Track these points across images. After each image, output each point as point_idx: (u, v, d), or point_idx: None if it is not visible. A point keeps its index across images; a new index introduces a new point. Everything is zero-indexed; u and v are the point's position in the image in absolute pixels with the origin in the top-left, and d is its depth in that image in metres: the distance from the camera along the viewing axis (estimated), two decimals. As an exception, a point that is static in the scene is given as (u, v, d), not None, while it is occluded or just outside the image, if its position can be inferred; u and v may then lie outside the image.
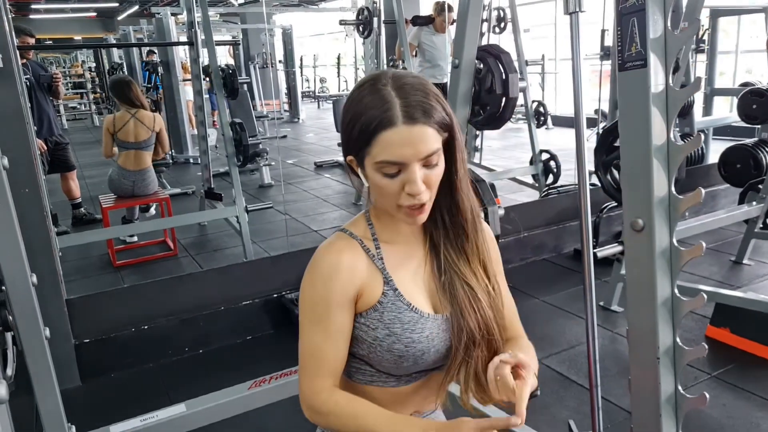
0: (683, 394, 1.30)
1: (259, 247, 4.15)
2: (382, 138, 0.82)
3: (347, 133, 0.87)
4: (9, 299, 1.45)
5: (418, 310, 0.92)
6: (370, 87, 0.85)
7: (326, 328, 0.90)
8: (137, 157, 4.08)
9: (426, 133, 0.83)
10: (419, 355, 0.92)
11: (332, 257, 0.90)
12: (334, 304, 0.89)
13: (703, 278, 3.41)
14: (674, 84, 1.21)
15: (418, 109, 0.83)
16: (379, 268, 0.93)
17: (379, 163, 0.84)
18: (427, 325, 0.93)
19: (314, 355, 0.91)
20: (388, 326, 0.91)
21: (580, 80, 1.40)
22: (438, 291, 0.95)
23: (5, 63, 2.16)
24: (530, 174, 4.86)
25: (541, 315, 3.06)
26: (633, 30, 1.19)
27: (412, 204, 0.86)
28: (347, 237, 0.94)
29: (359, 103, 0.85)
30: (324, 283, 0.89)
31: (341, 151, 0.94)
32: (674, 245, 1.25)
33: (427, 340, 0.92)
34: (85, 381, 2.64)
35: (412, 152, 0.82)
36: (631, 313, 1.33)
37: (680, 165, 1.22)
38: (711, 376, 2.42)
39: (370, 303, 0.91)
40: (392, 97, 0.83)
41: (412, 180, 0.84)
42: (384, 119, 0.82)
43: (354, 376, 0.98)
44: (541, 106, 5.57)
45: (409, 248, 0.96)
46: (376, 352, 0.92)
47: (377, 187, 0.87)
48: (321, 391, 0.91)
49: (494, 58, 1.76)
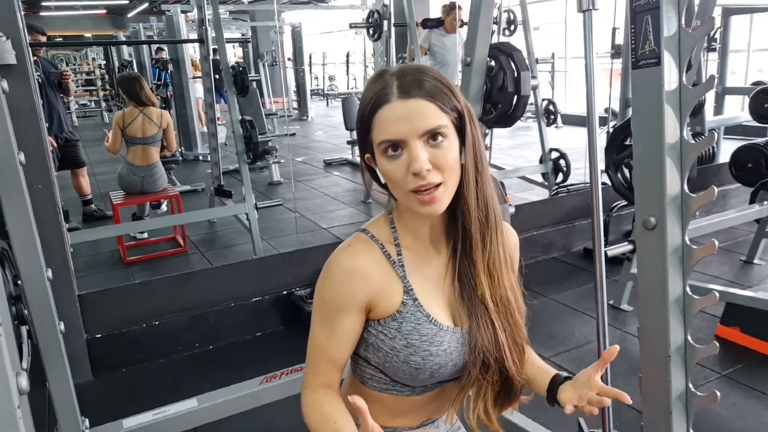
0: (694, 392, 1.30)
1: (269, 245, 4.16)
2: (378, 118, 0.81)
3: (357, 128, 0.87)
4: (25, 293, 1.47)
5: (437, 322, 0.89)
6: (373, 79, 0.86)
7: (332, 329, 0.89)
8: (145, 152, 4.11)
9: (422, 106, 0.80)
10: (436, 368, 0.89)
11: (347, 261, 0.87)
12: (343, 308, 0.87)
13: (714, 277, 3.39)
14: (686, 82, 1.20)
15: (413, 84, 0.81)
16: (399, 275, 0.89)
17: (380, 144, 0.82)
18: (446, 338, 0.89)
19: (314, 352, 0.92)
20: (407, 337, 0.88)
21: (592, 78, 1.39)
22: (458, 303, 0.91)
23: (19, 60, 2.18)
24: (540, 172, 4.85)
25: (550, 313, 3.05)
26: (647, 28, 1.18)
27: (419, 186, 0.80)
28: (367, 239, 0.90)
29: (363, 96, 0.86)
30: (335, 286, 0.87)
31: (352, 148, 0.94)
32: (686, 243, 1.25)
33: (445, 354, 0.89)
34: (97, 376, 2.66)
35: (409, 127, 0.79)
36: (643, 311, 1.33)
37: (692, 164, 1.22)
38: (721, 375, 2.41)
39: (388, 311, 0.88)
40: (391, 80, 0.82)
41: (413, 157, 0.79)
42: (378, 98, 0.81)
43: (368, 383, 0.96)
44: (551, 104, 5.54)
45: (431, 254, 0.92)
46: (393, 363, 0.89)
47: (387, 176, 0.84)
48: (309, 384, 0.92)
49: (506, 55, 1.76)
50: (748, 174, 3.37)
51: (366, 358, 0.94)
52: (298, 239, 4.27)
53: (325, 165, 6.98)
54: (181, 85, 7.28)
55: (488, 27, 1.80)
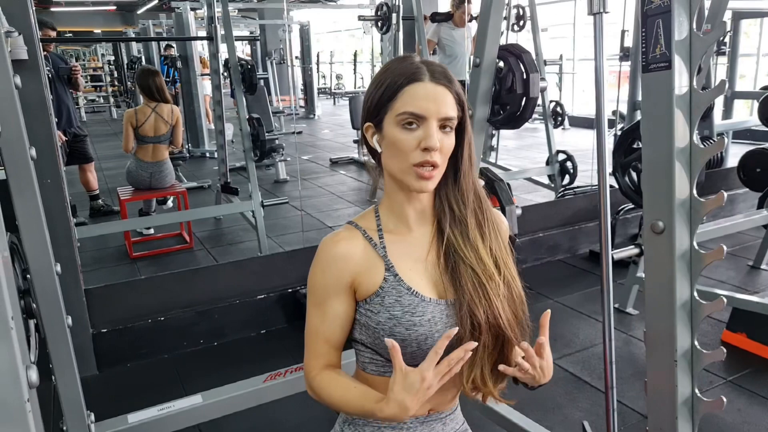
0: (700, 397, 1.29)
1: (274, 242, 4.18)
2: (407, 90, 0.89)
3: (370, 98, 0.94)
4: (33, 287, 1.48)
5: (418, 294, 0.94)
6: (399, 60, 0.94)
7: (324, 312, 0.96)
8: (155, 149, 4.12)
9: (446, 95, 0.90)
10: (422, 339, 0.93)
11: (329, 246, 0.95)
12: (331, 291, 0.95)
13: (720, 282, 3.38)
14: (697, 86, 1.20)
15: (442, 74, 0.92)
16: (380, 256, 0.95)
17: (401, 114, 0.89)
18: (428, 309, 0.94)
19: (311, 336, 0.99)
20: (389, 309, 0.93)
21: (602, 81, 1.39)
22: (443, 277, 0.96)
23: (31, 55, 2.20)
24: (546, 174, 4.84)
25: (555, 316, 3.02)
26: (658, 31, 1.18)
27: (424, 161, 0.89)
28: (352, 228, 0.99)
29: (386, 71, 0.94)
30: (322, 270, 0.95)
31: (358, 147, 0.96)
32: (694, 248, 1.24)
33: (429, 323, 0.93)
34: (102, 370, 2.68)
35: (435, 108, 0.89)
36: (650, 315, 1.33)
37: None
38: (726, 381, 2.41)
39: (371, 289, 0.95)
40: (421, 65, 0.92)
41: (429, 134, 0.88)
42: (412, 75, 0.90)
43: (367, 367, 0.99)
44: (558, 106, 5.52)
45: (415, 237, 0.99)
46: (381, 338, 0.94)
47: (392, 144, 0.91)
48: (312, 369, 0.99)
49: (515, 57, 1.75)
50: (756, 179, 3.35)
51: (361, 341, 0.99)
52: (304, 237, 4.28)
53: (332, 164, 6.99)
54: (189, 82, 7.30)
55: (498, 29, 1.80)
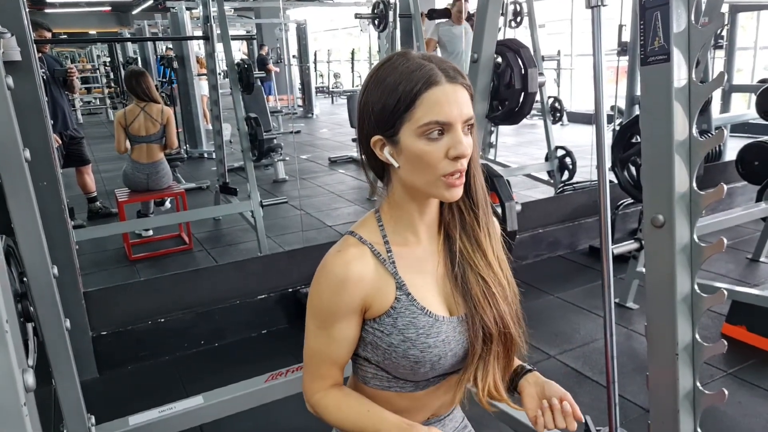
0: (702, 390, 1.29)
1: (274, 242, 4.16)
2: (427, 97, 0.80)
3: (378, 107, 0.83)
4: (30, 290, 1.47)
5: (432, 314, 0.89)
6: (403, 59, 0.83)
7: (330, 335, 0.90)
8: (149, 150, 4.11)
9: (465, 94, 0.83)
10: (436, 360, 0.89)
11: (340, 269, 0.87)
12: (340, 315, 0.88)
13: (720, 276, 3.37)
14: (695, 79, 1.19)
15: (455, 71, 0.83)
16: (391, 272, 0.89)
17: (424, 126, 0.80)
18: (443, 328, 0.89)
19: (315, 358, 0.93)
20: (403, 332, 0.88)
21: (600, 75, 1.38)
22: (453, 290, 0.92)
23: (24, 57, 2.18)
24: (545, 170, 4.83)
25: (555, 311, 3.04)
26: (656, 24, 1.17)
27: (455, 170, 0.82)
28: (357, 243, 0.89)
29: (393, 73, 0.82)
30: (331, 294, 0.87)
31: (357, 146, 0.92)
32: (695, 241, 1.24)
33: (444, 344, 0.89)
34: (103, 373, 2.67)
35: (458, 111, 0.81)
36: (651, 309, 1.32)
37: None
38: (727, 374, 2.40)
39: (382, 309, 0.88)
40: (428, 62, 0.82)
41: (458, 140, 0.81)
42: (429, 78, 0.80)
43: (370, 381, 0.96)
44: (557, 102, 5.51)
45: (423, 248, 0.92)
46: (392, 359, 0.89)
47: (417, 159, 0.82)
48: (317, 391, 0.94)
49: (513, 52, 1.74)
50: (754, 172, 3.36)
51: (366, 357, 0.94)
52: (303, 237, 4.27)
53: (330, 163, 6.98)
54: (186, 82, 7.28)
55: (495, 24, 1.79)
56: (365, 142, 0.88)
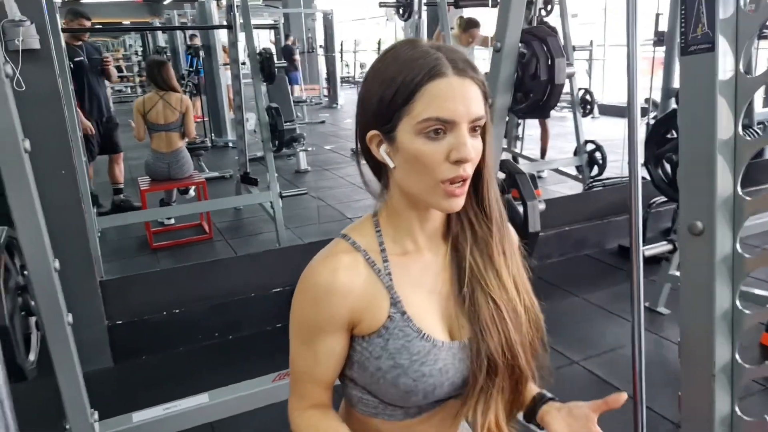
0: (741, 416, 1.17)
1: (293, 234, 4.12)
2: (429, 90, 0.70)
3: (375, 99, 0.74)
4: (31, 284, 1.43)
5: (430, 338, 0.78)
6: (408, 46, 0.74)
7: (314, 351, 0.80)
8: (168, 138, 4.11)
9: (476, 90, 0.72)
10: (430, 390, 0.79)
11: (326, 277, 0.77)
12: (324, 330, 0.78)
13: (759, 281, 3.20)
14: (743, 70, 1.07)
15: (465, 63, 0.72)
16: (385, 286, 0.78)
17: (423, 122, 0.70)
18: (441, 355, 0.78)
19: (296, 375, 0.85)
20: (394, 356, 0.77)
21: (635, 66, 1.27)
22: (457, 311, 0.81)
23: (43, 45, 2.15)
24: (574, 165, 4.68)
25: (580, 314, 2.92)
26: (699, 9, 1.05)
27: (456, 176, 0.71)
28: (350, 248, 0.80)
29: (393, 62, 0.73)
30: (313, 305, 0.78)
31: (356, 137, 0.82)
32: (738, 252, 1.11)
33: (440, 373, 0.78)
34: (118, 362, 2.66)
35: (464, 109, 0.71)
36: (686, 324, 1.21)
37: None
38: (765, 389, 2.26)
39: (373, 327, 0.78)
40: (436, 51, 0.72)
41: (461, 143, 0.70)
42: (434, 68, 0.70)
43: (357, 405, 0.86)
44: (587, 93, 5.32)
45: (426, 261, 0.82)
46: (379, 384, 0.79)
47: (413, 159, 0.72)
48: (295, 409, 0.87)
49: (539, 41, 1.63)
50: (800, 171, 3.16)
51: (352, 378, 0.84)
52: (322, 229, 4.23)
53: (353, 153, 6.89)
54: (212, 71, 7.29)
55: (521, 10, 1.67)
56: (361, 137, 0.78)
